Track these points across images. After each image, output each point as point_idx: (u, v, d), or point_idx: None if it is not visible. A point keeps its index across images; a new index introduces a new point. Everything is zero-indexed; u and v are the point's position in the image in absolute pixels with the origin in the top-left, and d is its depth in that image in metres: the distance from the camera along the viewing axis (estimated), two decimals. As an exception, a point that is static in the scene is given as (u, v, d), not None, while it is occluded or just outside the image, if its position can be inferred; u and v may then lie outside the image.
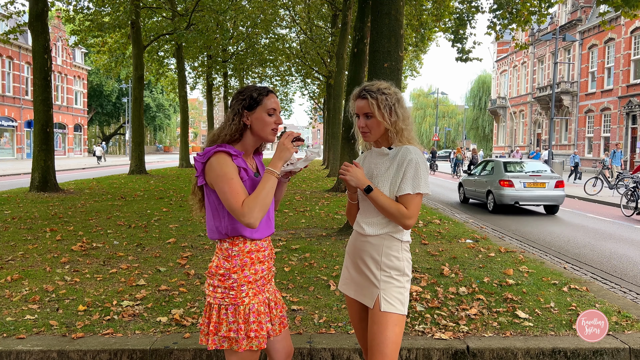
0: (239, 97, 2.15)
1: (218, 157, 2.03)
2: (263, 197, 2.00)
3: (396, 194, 2.15)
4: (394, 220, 2.13)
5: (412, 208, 2.12)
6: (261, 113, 2.12)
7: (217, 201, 2.09)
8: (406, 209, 2.11)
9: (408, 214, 2.11)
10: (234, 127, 2.11)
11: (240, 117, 2.12)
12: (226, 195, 1.99)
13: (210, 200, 2.11)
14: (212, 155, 2.05)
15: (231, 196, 1.98)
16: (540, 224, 10.57)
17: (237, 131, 2.12)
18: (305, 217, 9.06)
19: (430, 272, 5.16)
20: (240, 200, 1.98)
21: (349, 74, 12.26)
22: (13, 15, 14.54)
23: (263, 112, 2.12)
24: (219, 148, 2.06)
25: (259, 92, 2.14)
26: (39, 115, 13.00)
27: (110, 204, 10.63)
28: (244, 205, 1.96)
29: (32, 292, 4.32)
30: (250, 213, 1.96)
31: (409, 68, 31.33)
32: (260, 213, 1.99)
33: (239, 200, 1.97)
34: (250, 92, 2.14)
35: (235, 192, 1.98)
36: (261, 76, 32.17)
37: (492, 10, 13.71)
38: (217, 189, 2.02)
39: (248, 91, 2.15)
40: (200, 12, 20.70)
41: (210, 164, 2.04)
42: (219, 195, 2.02)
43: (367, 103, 2.17)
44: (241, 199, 1.98)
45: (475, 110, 59.63)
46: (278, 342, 2.26)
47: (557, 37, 24.82)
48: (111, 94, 55.92)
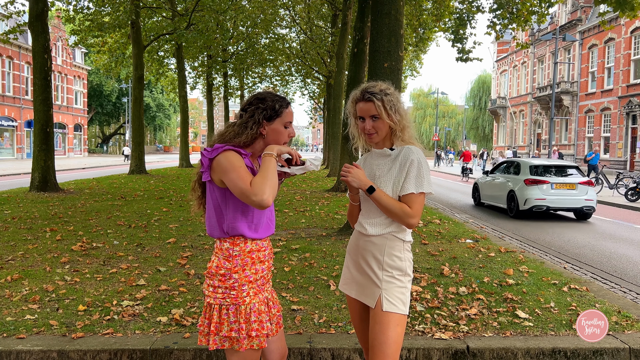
0: (259, 105, 2.13)
1: (227, 154, 2.03)
2: (269, 175, 2.00)
3: (399, 193, 2.16)
4: (397, 220, 2.14)
5: (416, 207, 2.13)
6: (278, 125, 2.14)
7: (221, 198, 2.08)
8: (410, 209, 2.12)
9: (412, 213, 2.12)
10: (251, 136, 2.11)
11: (259, 126, 2.11)
12: (234, 181, 1.98)
13: (213, 197, 2.10)
14: (221, 152, 2.04)
15: (240, 180, 1.97)
16: (541, 224, 10.56)
17: (253, 140, 2.13)
18: (305, 217, 9.05)
19: (430, 272, 5.16)
20: (248, 181, 1.98)
21: (349, 74, 12.26)
22: (13, 15, 14.53)
23: (280, 124, 2.14)
24: (229, 147, 2.06)
25: (280, 104, 2.14)
26: (39, 115, 13.00)
27: (110, 203, 10.63)
28: (253, 184, 1.96)
29: (32, 292, 4.32)
30: (259, 191, 1.95)
31: (409, 68, 31.33)
32: (270, 190, 1.97)
33: (247, 182, 1.97)
34: (272, 103, 2.13)
35: (243, 176, 1.99)
36: (261, 76, 32.14)
37: (492, 10, 13.71)
38: (227, 180, 2.01)
39: (270, 101, 2.13)
40: (200, 12, 20.68)
41: (218, 161, 2.03)
42: (228, 185, 2.01)
43: (373, 105, 2.17)
44: (249, 181, 1.98)
45: (475, 110, 59.64)
46: (273, 342, 2.26)
47: (557, 37, 24.82)
48: (111, 93, 55.90)
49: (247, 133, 2.10)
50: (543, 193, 10.95)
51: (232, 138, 2.10)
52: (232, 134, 2.11)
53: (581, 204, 10.97)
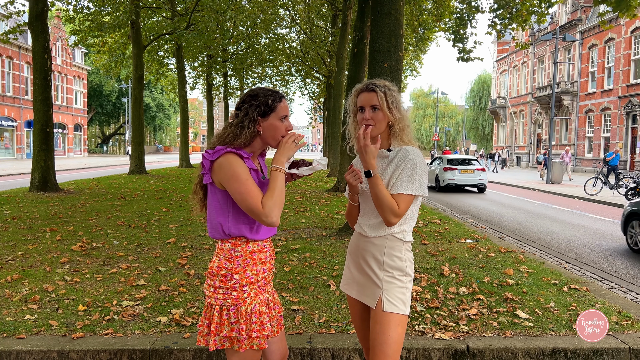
0: (252, 102, 2.10)
1: (229, 157, 2.01)
2: (278, 194, 2.00)
3: (390, 192, 2.14)
4: (381, 212, 2.10)
5: (402, 207, 2.11)
6: (274, 120, 2.10)
7: (222, 200, 2.07)
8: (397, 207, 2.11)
9: (397, 211, 2.10)
10: (250, 135, 2.08)
11: (255, 124, 2.09)
12: (243, 196, 1.97)
13: (215, 199, 2.09)
14: (222, 154, 2.02)
15: (249, 197, 1.96)
16: (541, 224, 10.57)
17: (252, 138, 2.10)
18: (305, 217, 9.05)
19: (430, 272, 5.16)
20: (259, 201, 1.97)
21: (349, 73, 12.26)
22: (13, 15, 14.53)
23: (276, 119, 2.10)
24: (230, 149, 2.04)
25: (273, 99, 2.10)
26: (39, 115, 12.99)
27: (110, 204, 10.63)
28: (265, 206, 1.96)
29: (32, 292, 4.32)
30: (271, 213, 1.97)
31: (409, 68, 31.33)
32: (279, 211, 2.00)
33: (258, 202, 1.97)
34: (265, 98, 2.10)
35: (254, 193, 1.97)
36: (261, 76, 32.16)
37: (492, 10, 13.71)
38: (231, 190, 1.99)
39: (262, 97, 2.10)
40: (200, 12, 20.68)
41: (219, 164, 2.01)
42: (233, 196, 2.00)
43: (375, 95, 2.16)
44: (260, 199, 1.97)
45: (475, 110, 59.62)
46: (274, 343, 2.25)
47: (557, 37, 24.82)
48: (111, 93, 55.90)
49: (245, 133, 2.07)
50: (453, 175, 17.90)
51: (232, 140, 2.08)
52: (231, 136, 2.09)
53: (477, 182, 17.97)
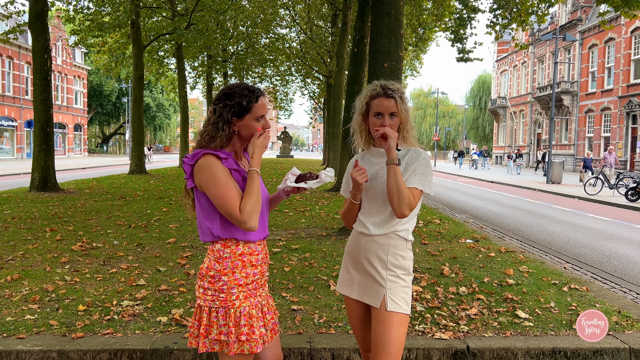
0: (226, 102, 2.05)
1: (207, 159, 2.00)
2: (255, 200, 1.99)
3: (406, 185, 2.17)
4: (397, 203, 2.09)
5: (415, 201, 2.16)
6: (250, 121, 2.07)
7: (207, 204, 2.04)
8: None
9: (413, 204, 2.13)
10: (225, 137, 2.05)
11: (230, 125, 2.05)
12: (222, 201, 1.96)
13: (200, 203, 2.07)
14: (200, 157, 2.01)
15: (227, 202, 1.95)
16: (541, 224, 10.57)
17: (227, 139, 2.07)
18: (305, 217, 9.05)
19: (430, 272, 5.16)
20: (237, 206, 1.96)
21: (349, 73, 12.25)
22: (13, 15, 14.53)
23: (252, 119, 2.07)
24: (208, 151, 2.02)
25: (249, 99, 2.05)
26: (39, 115, 12.99)
27: (110, 203, 10.63)
28: (243, 212, 1.95)
29: (32, 292, 4.32)
30: (249, 219, 1.96)
31: (409, 68, 31.32)
32: (257, 215, 2.00)
33: (236, 207, 1.95)
34: (240, 99, 2.04)
35: (232, 198, 1.96)
36: (261, 76, 32.16)
37: (492, 10, 13.70)
38: (209, 193, 1.98)
39: (237, 97, 2.05)
40: (200, 12, 20.67)
41: (198, 167, 2.00)
42: (212, 200, 1.99)
43: (394, 103, 2.19)
44: (238, 204, 1.96)
45: (476, 110, 59.62)
46: (268, 349, 2.22)
47: (557, 36, 24.82)
48: (111, 93, 55.89)
49: (220, 136, 2.04)
50: None
51: (208, 142, 2.05)
52: (207, 138, 2.06)
53: None
